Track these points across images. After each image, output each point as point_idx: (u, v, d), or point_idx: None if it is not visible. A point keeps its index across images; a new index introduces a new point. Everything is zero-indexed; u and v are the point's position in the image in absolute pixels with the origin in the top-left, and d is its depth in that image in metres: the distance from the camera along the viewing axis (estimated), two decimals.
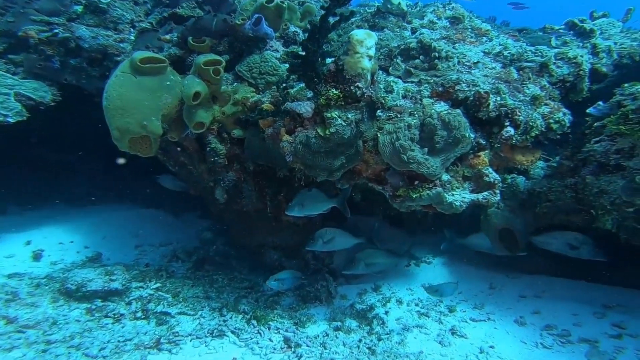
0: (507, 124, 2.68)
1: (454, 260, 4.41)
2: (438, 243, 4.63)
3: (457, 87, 2.74)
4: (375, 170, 2.82)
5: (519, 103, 2.75)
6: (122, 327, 3.06)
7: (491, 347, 2.92)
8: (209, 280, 3.89)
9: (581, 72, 3.18)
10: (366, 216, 4.37)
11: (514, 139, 2.72)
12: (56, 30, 3.96)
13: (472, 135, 2.62)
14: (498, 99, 2.71)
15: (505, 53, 3.24)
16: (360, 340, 3.06)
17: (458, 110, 2.62)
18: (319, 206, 3.38)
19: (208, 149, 3.39)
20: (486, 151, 2.74)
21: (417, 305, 3.66)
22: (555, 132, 2.83)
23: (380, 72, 3.13)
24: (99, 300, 3.31)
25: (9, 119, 3.52)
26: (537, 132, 2.76)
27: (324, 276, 3.85)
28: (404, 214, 4.65)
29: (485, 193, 2.59)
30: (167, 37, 3.83)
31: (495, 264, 4.07)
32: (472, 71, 3.06)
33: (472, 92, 2.69)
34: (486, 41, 3.51)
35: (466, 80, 2.77)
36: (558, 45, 3.50)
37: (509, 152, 2.94)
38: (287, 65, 3.44)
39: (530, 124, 2.75)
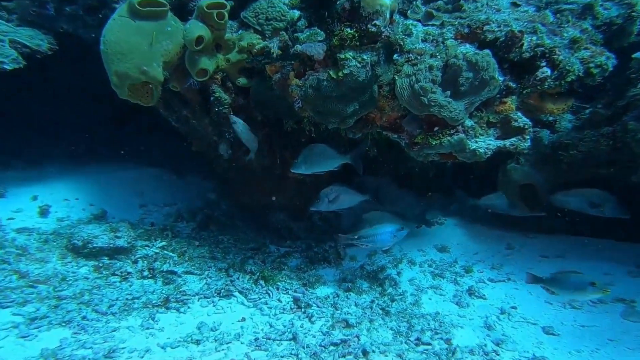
0: (544, 64, 2.42)
1: (467, 221, 4.25)
2: (449, 204, 4.48)
3: (485, 28, 2.46)
4: (391, 118, 2.61)
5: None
6: (130, 285, 3.03)
7: (513, 307, 2.78)
8: (214, 240, 3.82)
9: (634, 13, 2.84)
10: (373, 176, 4.18)
11: (547, 82, 2.45)
12: None
13: (501, 78, 2.38)
14: (534, 38, 2.42)
15: None
16: (372, 301, 2.95)
17: (487, 51, 2.36)
18: (328, 163, 3.09)
19: (212, 98, 3.18)
20: (513, 97, 2.50)
21: (430, 266, 3.54)
22: (595, 77, 2.53)
23: (397, 15, 2.86)
24: (106, 258, 3.28)
25: (6, 66, 3.32)
26: (573, 77, 2.48)
27: (333, 237, 3.70)
28: (414, 174, 4.46)
29: (514, 139, 2.37)
30: None
31: (509, 224, 3.89)
32: (501, 14, 2.77)
33: (504, 32, 2.41)
34: None
35: (496, 20, 2.49)
36: None
37: (537, 100, 2.69)
38: (296, 11, 3.19)
39: (567, 67, 2.47)
